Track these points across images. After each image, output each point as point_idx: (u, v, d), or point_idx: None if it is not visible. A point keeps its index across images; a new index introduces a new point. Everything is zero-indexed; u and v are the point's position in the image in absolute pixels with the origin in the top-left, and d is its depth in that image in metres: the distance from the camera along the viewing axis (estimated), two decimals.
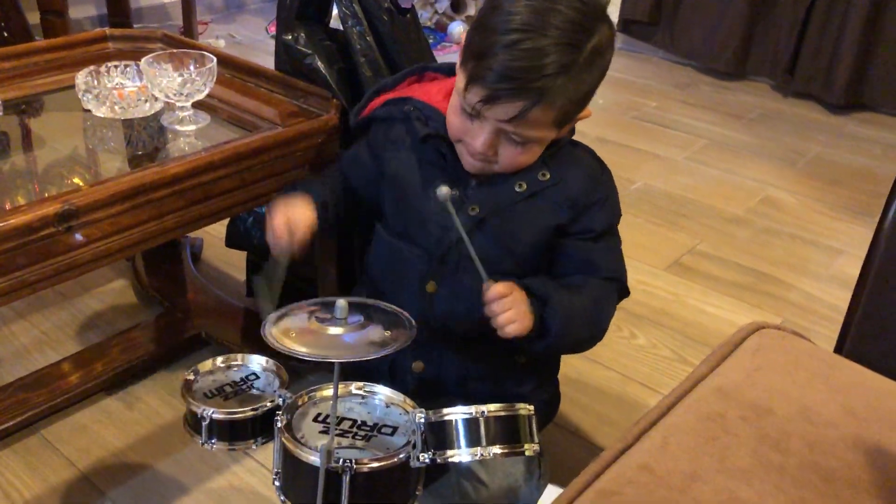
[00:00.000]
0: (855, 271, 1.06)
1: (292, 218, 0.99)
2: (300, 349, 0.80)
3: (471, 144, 0.95)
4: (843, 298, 1.06)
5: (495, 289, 0.92)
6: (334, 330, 0.83)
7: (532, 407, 0.86)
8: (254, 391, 0.95)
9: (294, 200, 1.01)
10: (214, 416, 0.90)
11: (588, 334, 1.04)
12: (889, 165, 2.47)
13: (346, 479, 0.81)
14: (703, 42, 3.10)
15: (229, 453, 1.29)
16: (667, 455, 0.76)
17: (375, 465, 0.82)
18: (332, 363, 0.81)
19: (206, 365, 0.98)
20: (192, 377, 0.95)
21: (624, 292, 1.07)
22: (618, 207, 1.06)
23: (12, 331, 1.55)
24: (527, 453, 0.85)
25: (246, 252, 1.60)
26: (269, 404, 0.91)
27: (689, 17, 3.13)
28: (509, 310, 0.92)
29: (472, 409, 0.83)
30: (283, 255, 0.98)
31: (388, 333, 0.84)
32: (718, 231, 2.06)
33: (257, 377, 0.97)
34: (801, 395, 0.84)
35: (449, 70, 1.11)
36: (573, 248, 1.02)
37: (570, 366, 1.53)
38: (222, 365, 0.98)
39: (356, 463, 0.81)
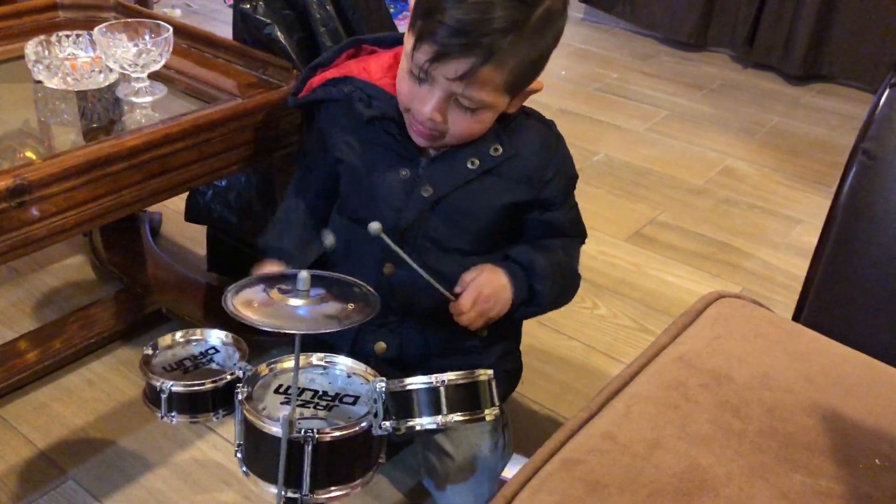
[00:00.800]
0: (812, 240, 1.08)
1: None
2: (261, 320, 0.79)
3: (419, 112, 0.93)
4: (800, 267, 1.08)
5: (462, 304, 0.96)
6: (296, 302, 0.83)
7: (491, 371, 0.87)
8: (213, 365, 0.94)
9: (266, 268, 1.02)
10: (174, 388, 0.89)
11: (569, 289, 1.08)
12: (845, 136, 2.51)
13: (309, 448, 0.81)
14: (664, 13, 3.11)
15: (192, 429, 1.28)
16: (630, 423, 0.77)
17: (337, 433, 0.82)
18: (294, 336, 0.80)
19: (166, 340, 0.97)
20: (150, 352, 0.94)
21: (583, 239, 1.11)
22: (573, 172, 1.06)
23: None
24: (487, 418, 0.85)
25: (206, 226, 1.58)
26: (229, 376, 0.90)
27: None
28: (484, 309, 0.96)
29: (433, 378, 0.84)
30: None
31: (350, 307, 0.84)
32: (679, 201, 2.08)
33: (217, 351, 0.96)
34: (760, 362, 0.86)
35: (387, 41, 1.08)
36: (536, 219, 1.04)
37: (534, 336, 1.54)
38: (181, 339, 0.97)
39: (318, 432, 0.81)
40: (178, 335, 0.97)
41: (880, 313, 0.94)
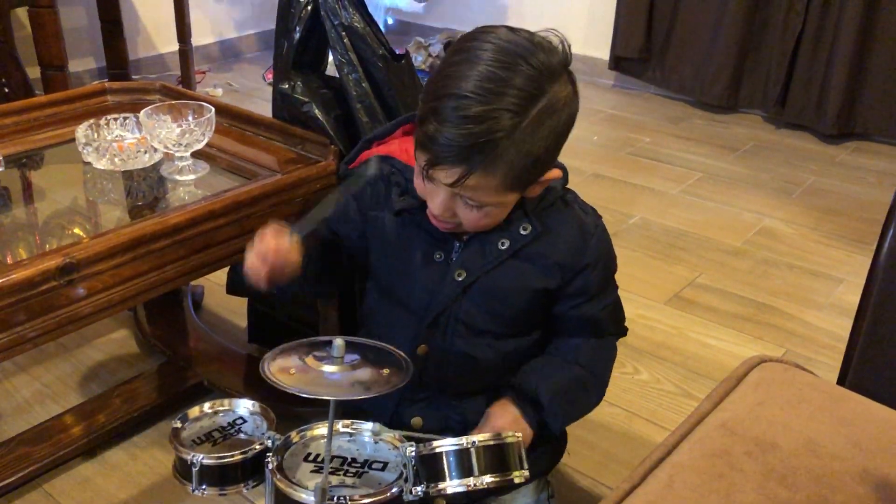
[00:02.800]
0: (855, 299, 1.06)
1: (273, 246, 0.92)
2: (297, 387, 0.81)
3: (430, 207, 0.94)
4: (844, 327, 1.06)
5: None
6: (331, 368, 0.84)
7: (519, 434, 0.87)
8: (242, 435, 0.95)
9: (275, 231, 0.95)
10: (204, 461, 0.90)
11: (590, 401, 1.04)
12: (883, 193, 2.48)
13: None
14: (694, 76, 3.14)
15: (230, 499, 1.28)
16: (673, 494, 0.76)
17: (368, 500, 0.82)
18: (328, 401, 0.81)
19: (194, 412, 0.98)
20: (179, 425, 0.95)
21: (623, 335, 1.07)
22: (613, 263, 1.04)
23: (13, 384, 1.55)
24: (515, 480, 0.85)
25: (247, 298, 1.60)
26: (258, 447, 0.91)
27: (679, 52, 3.17)
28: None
29: (463, 440, 0.84)
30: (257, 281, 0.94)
31: (385, 372, 0.85)
32: (717, 263, 2.06)
33: (244, 421, 0.97)
34: (806, 428, 0.84)
35: None
36: (571, 311, 1.01)
37: None
38: (209, 411, 0.98)
39: (350, 500, 0.81)
40: (206, 406, 0.98)
41: None
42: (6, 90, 2.29)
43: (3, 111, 1.39)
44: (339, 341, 0.85)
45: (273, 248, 0.91)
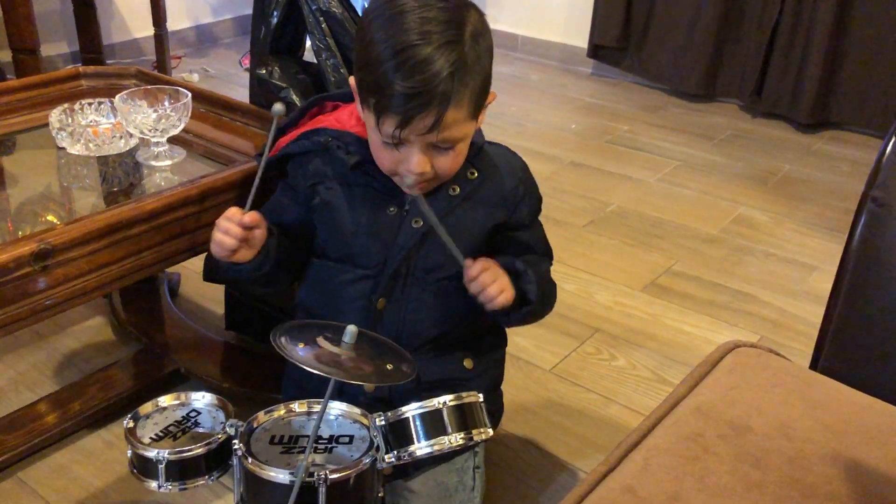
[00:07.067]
0: (828, 287, 1.08)
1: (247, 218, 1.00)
2: (305, 362, 0.83)
3: (408, 171, 0.97)
4: (818, 314, 1.07)
5: (476, 266, 0.98)
6: (338, 351, 0.87)
7: (481, 396, 0.92)
8: (199, 428, 0.95)
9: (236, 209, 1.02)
10: (170, 457, 0.90)
11: (551, 299, 1.14)
12: (857, 182, 2.51)
13: (323, 490, 0.83)
14: (672, 65, 3.16)
15: (209, 489, 1.28)
16: (649, 476, 0.77)
17: (347, 472, 0.85)
18: (329, 379, 0.83)
19: (145, 408, 0.98)
20: (132, 424, 0.95)
21: (551, 260, 1.18)
22: (539, 194, 1.14)
23: None
24: (475, 437, 0.89)
25: (224, 286, 1.60)
26: (221, 436, 0.91)
27: (657, 41, 3.18)
28: (495, 281, 0.99)
29: (428, 404, 0.89)
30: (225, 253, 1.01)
31: (389, 367, 0.88)
32: (693, 251, 2.08)
33: (199, 413, 0.98)
34: (778, 411, 0.85)
35: (349, 96, 1.11)
36: (510, 238, 1.11)
37: (552, 390, 1.54)
38: (162, 406, 0.98)
39: (330, 473, 0.83)
40: (161, 401, 0.98)
41: None
42: None
43: None
44: (352, 328, 0.87)
45: (238, 218, 0.99)
